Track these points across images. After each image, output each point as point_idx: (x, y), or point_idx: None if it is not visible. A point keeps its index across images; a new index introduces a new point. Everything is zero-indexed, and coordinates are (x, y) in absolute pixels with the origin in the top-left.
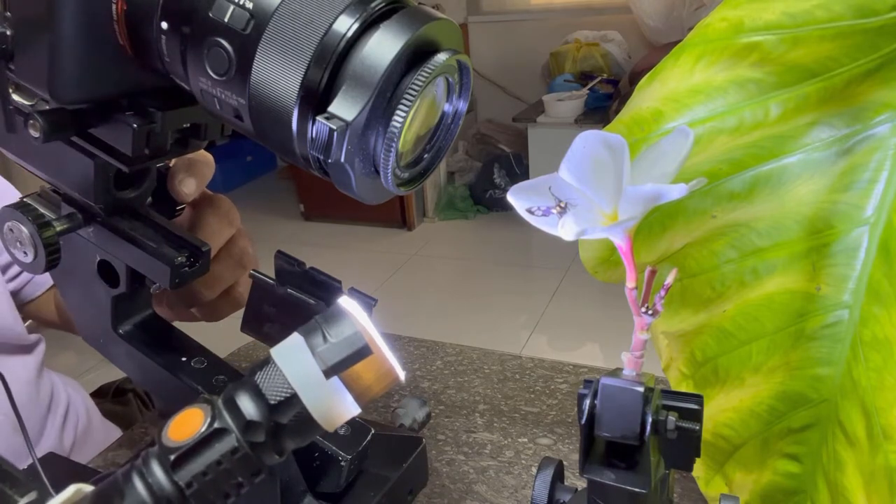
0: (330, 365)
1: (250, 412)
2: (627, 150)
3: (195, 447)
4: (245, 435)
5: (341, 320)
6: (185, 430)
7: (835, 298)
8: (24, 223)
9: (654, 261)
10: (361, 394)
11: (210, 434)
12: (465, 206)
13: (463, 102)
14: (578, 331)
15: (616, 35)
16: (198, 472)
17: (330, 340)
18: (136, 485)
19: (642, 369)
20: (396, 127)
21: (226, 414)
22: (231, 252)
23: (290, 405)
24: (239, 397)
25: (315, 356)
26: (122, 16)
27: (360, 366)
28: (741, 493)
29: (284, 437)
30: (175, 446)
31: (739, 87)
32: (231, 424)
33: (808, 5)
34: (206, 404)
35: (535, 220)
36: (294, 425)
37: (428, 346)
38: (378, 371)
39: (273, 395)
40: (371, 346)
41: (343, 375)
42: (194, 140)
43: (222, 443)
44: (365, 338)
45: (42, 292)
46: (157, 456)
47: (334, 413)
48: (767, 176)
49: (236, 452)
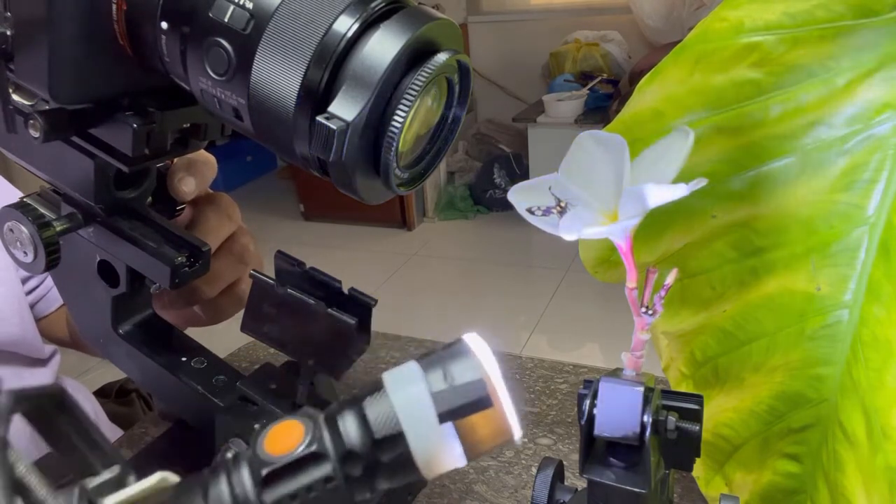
0: (447, 410)
1: (352, 441)
2: (627, 150)
3: (290, 467)
4: (343, 466)
5: (467, 361)
6: (282, 445)
7: (835, 298)
8: (24, 223)
9: (654, 261)
10: (472, 447)
11: (307, 457)
12: (465, 206)
13: (462, 104)
14: (578, 331)
15: (616, 35)
16: (286, 494)
17: (451, 382)
18: (222, 488)
19: (642, 369)
20: (396, 127)
21: (327, 436)
22: (232, 249)
23: (395, 444)
24: (343, 420)
25: (432, 396)
26: (122, 16)
27: (478, 416)
28: (741, 493)
29: (380, 475)
30: (269, 461)
31: (739, 87)
32: (331, 451)
33: (808, 5)
34: (309, 420)
35: (535, 220)
36: (393, 465)
37: (428, 347)
38: (495, 426)
39: (380, 428)
40: (492, 398)
41: (458, 423)
42: (194, 140)
43: (319, 469)
44: (488, 388)
45: (54, 309)
46: (250, 464)
47: (438, 461)
48: (767, 176)
49: (329, 482)
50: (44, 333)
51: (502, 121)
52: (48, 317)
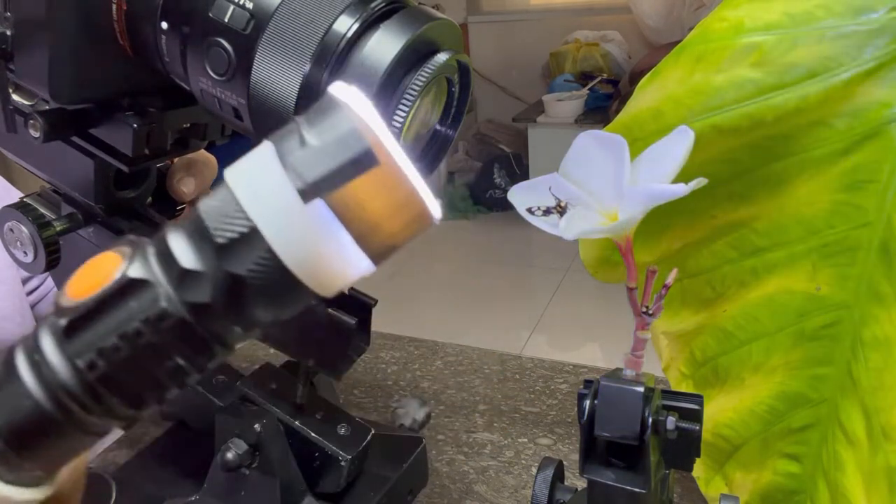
0: (310, 181)
1: (185, 258)
2: (627, 150)
3: (97, 308)
4: (180, 291)
5: (331, 114)
6: (90, 284)
7: (835, 298)
8: (24, 223)
9: (654, 261)
10: (367, 232)
11: (121, 287)
12: (465, 206)
13: (462, 104)
14: (578, 331)
15: (616, 35)
16: (103, 347)
17: (310, 143)
18: (20, 366)
19: (642, 369)
20: (397, 127)
21: (152, 259)
22: None
23: (248, 244)
24: (171, 237)
25: (286, 168)
26: (122, 16)
27: (361, 183)
28: (741, 493)
29: (246, 297)
30: (70, 306)
31: (739, 87)
32: (158, 274)
33: (808, 5)
34: (128, 246)
35: (536, 220)
36: (260, 279)
37: (428, 346)
38: (392, 195)
39: (221, 230)
40: (379, 154)
41: (334, 198)
42: (195, 140)
43: (141, 300)
44: (368, 139)
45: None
46: (50, 323)
47: (323, 261)
48: (767, 176)
49: (165, 318)
50: None
51: (502, 121)
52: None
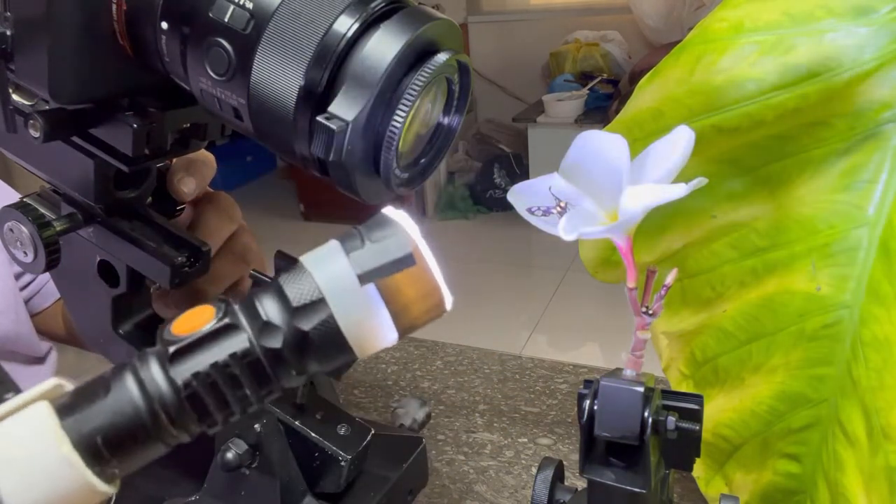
0: (367, 269)
1: (269, 313)
2: (627, 150)
3: (199, 341)
4: (260, 338)
5: (385, 226)
6: (191, 325)
7: (835, 298)
8: (24, 223)
9: (654, 261)
10: (400, 312)
11: (219, 329)
12: (465, 206)
13: (462, 104)
14: (578, 331)
15: (616, 35)
16: (200, 371)
17: (368, 244)
18: (127, 380)
19: (642, 369)
20: (396, 127)
21: (240, 312)
22: (233, 248)
23: (316, 311)
24: (258, 297)
25: (350, 259)
26: (122, 16)
27: (401, 277)
28: (741, 493)
29: (307, 351)
30: (176, 339)
31: (739, 87)
32: (244, 323)
33: (808, 5)
34: (220, 301)
35: (535, 220)
36: (319, 337)
37: (428, 346)
38: (422, 288)
39: (298, 297)
40: (416, 257)
41: (382, 284)
42: (195, 140)
43: (231, 341)
44: (410, 246)
45: (50, 304)
46: (156, 351)
47: (366, 329)
48: (767, 176)
49: (247, 356)
50: (40, 329)
51: (502, 121)
52: (44, 312)
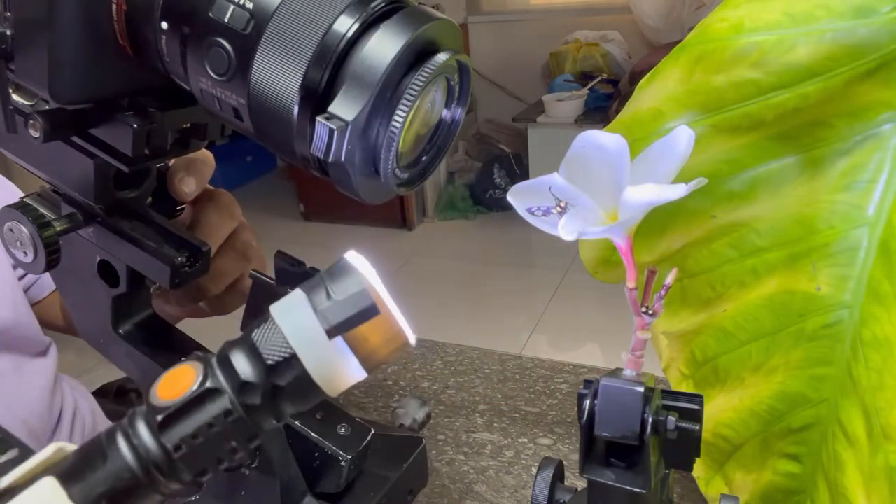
0: (333, 324)
1: (246, 372)
2: (627, 150)
3: (184, 407)
4: (240, 396)
5: (347, 276)
6: (174, 389)
7: (835, 298)
8: (24, 223)
9: (654, 261)
10: (367, 357)
11: (202, 394)
12: (465, 206)
13: (462, 104)
14: (578, 331)
15: (616, 35)
16: (187, 435)
17: (334, 298)
18: (121, 446)
19: (642, 369)
20: (396, 127)
21: (219, 373)
22: (234, 246)
23: (289, 366)
24: (234, 356)
25: (317, 314)
26: (122, 16)
27: (366, 326)
28: (741, 493)
29: (283, 400)
30: (163, 406)
31: (739, 87)
32: (225, 385)
33: (808, 5)
34: (199, 362)
35: (535, 220)
36: (293, 388)
37: (428, 346)
38: (386, 333)
39: (271, 354)
40: (379, 306)
41: (348, 336)
42: (195, 140)
43: (215, 404)
44: (372, 296)
45: (47, 294)
46: (144, 416)
47: (337, 377)
48: (767, 176)
49: (230, 415)
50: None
51: (502, 121)
52: (42, 301)
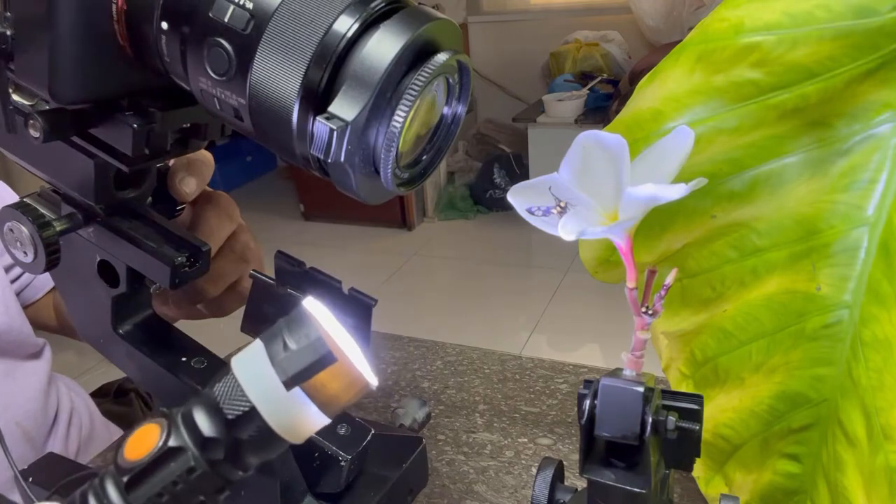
0: (290, 375)
1: (207, 428)
2: (627, 150)
3: (149, 468)
4: (203, 452)
5: (303, 325)
6: (140, 449)
7: (835, 298)
8: (24, 223)
9: (654, 261)
10: (327, 403)
11: (164, 453)
12: (465, 206)
13: (462, 104)
14: (578, 331)
15: (616, 35)
16: (153, 495)
17: (290, 348)
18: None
19: (642, 369)
20: (396, 127)
21: (183, 430)
22: (233, 248)
23: (249, 420)
24: (196, 412)
25: (275, 366)
26: (122, 16)
27: (324, 374)
28: (741, 493)
29: (245, 452)
30: (128, 467)
31: (739, 87)
32: (188, 442)
33: (808, 5)
34: (164, 419)
35: (535, 220)
36: (255, 440)
37: (428, 346)
38: (345, 379)
39: (231, 409)
40: (336, 353)
41: (306, 386)
42: (194, 140)
43: (178, 462)
44: (328, 344)
45: (41, 296)
46: (112, 476)
47: (298, 425)
48: (767, 176)
49: (193, 472)
50: (32, 321)
51: (502, 121)
52: (35, 304)
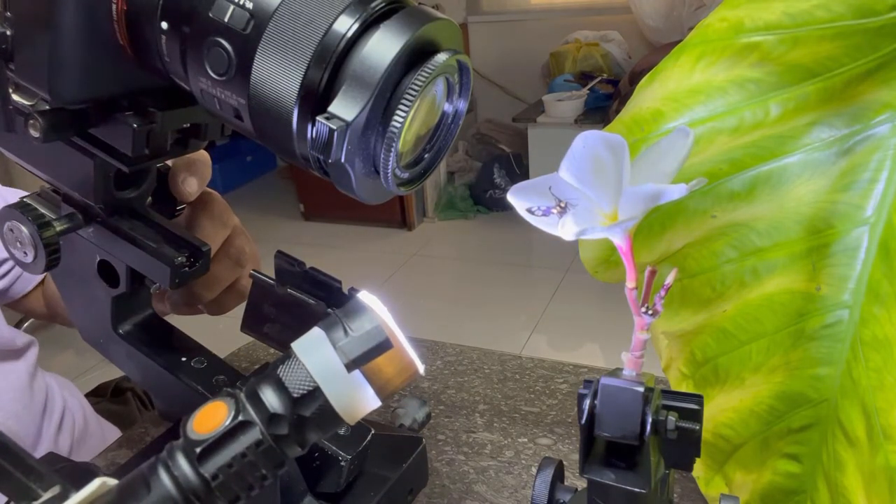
0: (352, 358)
1: (274, 405)
2: (627, 150)
3: (220, 440)
4: (269, 428)
5: (362, 314)
6: (209, 423)
7: (835, 298)
8: (24, 223)
9: (654, 261)
10: (382, 387)
11: (235, 427)
12: (465, 206)
13: (463, 102)
14: (578, 331)
15: (616, 35)
16: (223, 465)
17: (351, 334)
18: (162, 477)
19: (642, 369)
20: (396, 127)
21: (250, 407)
22: (228, 253)
23: (313, 398)
24: (262, 391)
25: (336, 350)
26: (122, 16)
27: (381, 359)
28: (741, 493)
29: (307, 429)
30: (200, 439)
31: (739, 87)
32: (255, 417)
33: (808, 5)
34: (230, 398)
35: (535, 220)
36: (317, 418)
37: (428, 346)
38: (399, 364)
39: (296, 388)
40: (392, 340)
41: (364, 369)
42: (194, 140)
43: (247, 435)
44: (385, 332)
45: (33, 287)
46: (183, 449)
47: (356, 406)
48: (767, 176)
49: (260, 445)
50: (24, 311)
51: (502, 121)
52: (28, 296)
